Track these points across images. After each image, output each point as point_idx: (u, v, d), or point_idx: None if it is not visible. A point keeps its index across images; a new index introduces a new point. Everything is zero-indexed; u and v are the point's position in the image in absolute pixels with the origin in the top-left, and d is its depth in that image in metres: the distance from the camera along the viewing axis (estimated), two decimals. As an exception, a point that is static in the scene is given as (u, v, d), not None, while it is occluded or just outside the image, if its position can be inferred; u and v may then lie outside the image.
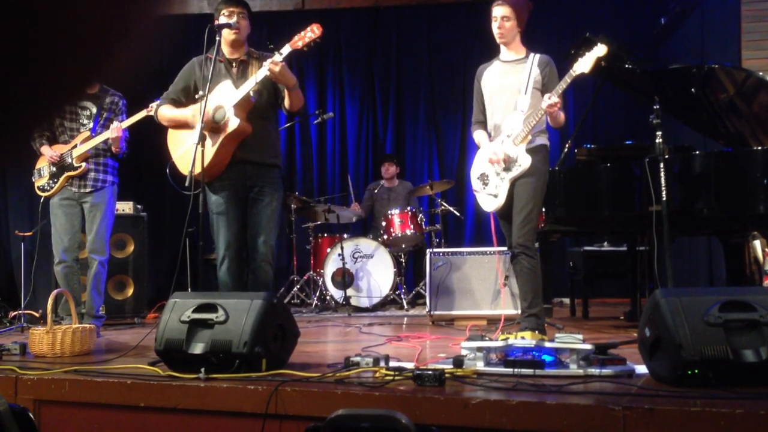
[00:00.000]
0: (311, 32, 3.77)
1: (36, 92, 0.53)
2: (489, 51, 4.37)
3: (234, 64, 3.99)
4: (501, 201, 3.90)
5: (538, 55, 3.94)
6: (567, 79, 3.76)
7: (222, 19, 3.92)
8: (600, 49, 3.77)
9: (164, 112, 4.06)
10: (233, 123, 3.80)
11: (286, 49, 3.79)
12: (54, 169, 4.76)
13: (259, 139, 3.94)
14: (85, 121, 4.83)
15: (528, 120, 3.80)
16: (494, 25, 3.92)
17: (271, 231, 3.97)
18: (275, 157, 4.07)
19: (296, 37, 3.80)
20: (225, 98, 3.85)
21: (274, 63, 3.71)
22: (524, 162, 3.79)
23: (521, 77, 3.88)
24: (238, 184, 3.94)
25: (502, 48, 4.00)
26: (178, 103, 4.06)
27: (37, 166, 4.86)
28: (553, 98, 3.67)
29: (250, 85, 3.82)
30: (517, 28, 3.91)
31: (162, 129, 4.18)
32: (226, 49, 4.01)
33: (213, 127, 3.84)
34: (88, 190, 4.79)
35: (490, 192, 3.96)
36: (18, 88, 0.52)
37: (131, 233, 6.03)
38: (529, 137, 3.82)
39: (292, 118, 7.16)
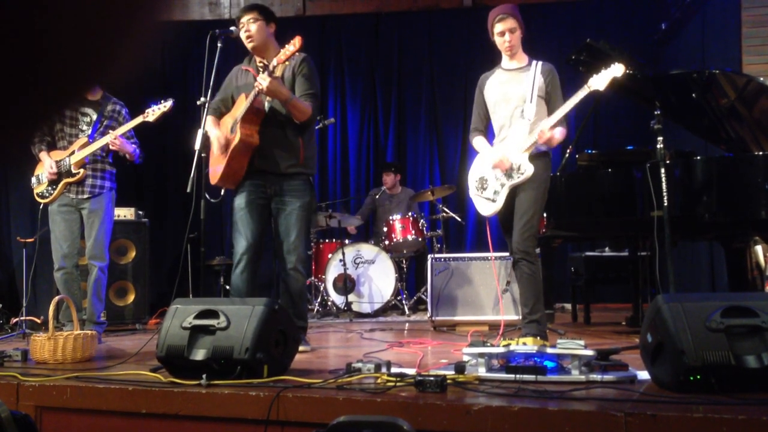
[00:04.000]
0: (292, 46, 3.76)
1: (36, 95, 0.54)
2: (490, 57, 4.38)
3: (260, 72, 4.01)
4: (498, 206, 3.90)
5: (540, 63, 3.93)
6: (580, 94, 3.75)
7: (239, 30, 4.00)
8: (617, 69, 3.73)
9: (207, 127, 4.03)
10: (237, 137, 3.86)
11: (272, 64, 3.81)
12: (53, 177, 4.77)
13: (276, 148, 3.95)
14: (85, 128, 4.83)
15: (534, 130, 3.80)
16: (501, 39, 3.90)
17: (296, 239, 3.97)
18: (299, 165, 4.02)
19: (281, 53, 3.80)
20: (238, 111, 3.94)
21: (258, 82, 3.75)
22: (527, 170, 3.79)
23: (525, 85, 3.88)
24: (258, 191, 3.99)
25: (504, 56, 4.00)
26: (219, 112, 4.13)
27: (36, 173, 4.86)
28: (540, 130, 3.71)
29: (251, 100, 3.85)
30: (521, 36, 3.92)
31: (164, 135, 4.19)
32: (255, 57, 4.07)
33: (227, 139, 3.92)
34: (86, 196, 4.79)
35: (487, 196, 3.96)
36: (18, 90, 0.52)
37: (133, 239, 6.03)
38: (534, 146, 3.83)
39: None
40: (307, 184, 4.08)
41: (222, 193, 4.03)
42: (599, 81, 3.75)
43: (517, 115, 3.87)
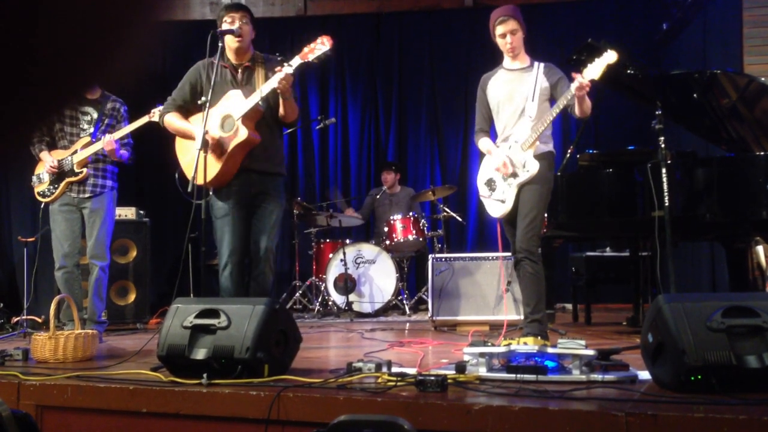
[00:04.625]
0: (321, 45, 3.73)
1: (35, 95, 0.54)
2: (491, 57, 4.38)
3: (239, 70, 3.99)
4: (509, 206, 3.90)
5: (542, 64, 3.93)
6: (576, 84, 3.72)
7: (225, 26, 3.91)
8: (610, 56, 3.66)
9: (170, 120, 4.03)
10: (242, 134, 3.79)
11: (296, 61, 3.76)
12: (54, 174, 4.76)
13: (264, 148, 3.93)
14: (86, 127, 4.84)
15: (536, 127, 3.79)
16: (503, 41, 3.89)
17: (274, 238, 3.98)
18: (280, 165, 4.07)
19: (306, 49, 3.76)
20: (233, 108, 3.84)
21: (287, 78, 3.70)
22: (532, 167, 3.78)
23: (528, 85, 3.88)
24: (243, 192, 3.95)
25: (506, 57, 4.00)
26: (183, 108, 4.04)
27: (37, 172, 4.86)
28: (581, 79, 3.62)
29: (258, 97, 3.80)
30: (522, 37, 3.92)
31: (166, 134, 4.18)
32: (231, 55, 4.00)
33: (222, 137, 3.83)
34: (87, 195, 4.79)
35: (497, 197, 3.96)
36: (18, 90, 0.52)
37: (133, 239, 6.04)
38: (537, 143, 3.82)
39: (292, 127, 7.17)
40: (284, 185, 4.13)
41: (211, 192, 3.99)
42: (593, 70, 3.68)
43: (517, 114, 3.88)
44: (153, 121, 4.64)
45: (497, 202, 3.96)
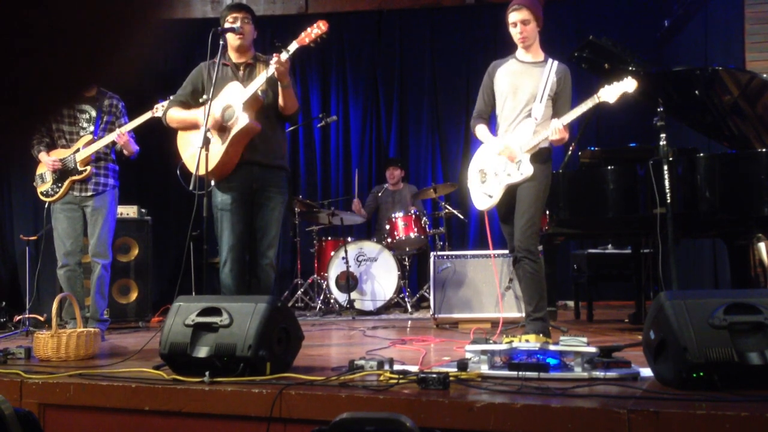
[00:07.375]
0: (317, 28, 3.80)
1: (34, 93, 0.54)
2: (492, 54, 4.37)
3: (241, 68, 4.01)
4: (494, 202, 3.91)
5: (556, 62, 3.90)
6: (589, 103, 3.72)
7: (227, 25, 3.94)
8: (629, 84, 3.70)
9: (173, 114, 4.07)
10: (243, 121, 3.80)
11: (293, 46, 3.82)
12: (57, 173, 4.77)
13: (265, 141, 3.94)
14: (85, 125, 4.83)
15: (538, 132, 3.79)
16: (515, 31, 3.87)
17: (276, 235, 3.99)
18: (281, 158, 4.07)
19: (303, 34, 3.83)
20: (233, 97, 3.86)
21: (282, 61, 3.74)
22: (526, 171, 3.78)
23: (538, 82, 3.85)
24: (245, 186, 3.95)
25: (519, 48, 3.97)
26: (186, 105, 4.07)
27: (38, 172, 4.86)
28: (558, 125, 3.68)
29: (258, 83, 3.83)
30: (536, 29, 3.89)
31: (167, 132, 4.19)
32: (232, 54, 4.03)
33: (222, 126, 3.84)
34: (89, 193, 4.79)
35: (485, 191, 3.96)
36: (16, 88, 0.52)
37: (135, 237, 6.04)
38: (537, 148, 3.82)
39: (293, 123, 7.16)
40: (287, 179, 4.12)
41: (213, 183, 3.98)
42: (610, 93, 3.70)
43: (524, 114, 3.86)
44: (156, 117, 4.63)
45: (485, 196, 3.97)
